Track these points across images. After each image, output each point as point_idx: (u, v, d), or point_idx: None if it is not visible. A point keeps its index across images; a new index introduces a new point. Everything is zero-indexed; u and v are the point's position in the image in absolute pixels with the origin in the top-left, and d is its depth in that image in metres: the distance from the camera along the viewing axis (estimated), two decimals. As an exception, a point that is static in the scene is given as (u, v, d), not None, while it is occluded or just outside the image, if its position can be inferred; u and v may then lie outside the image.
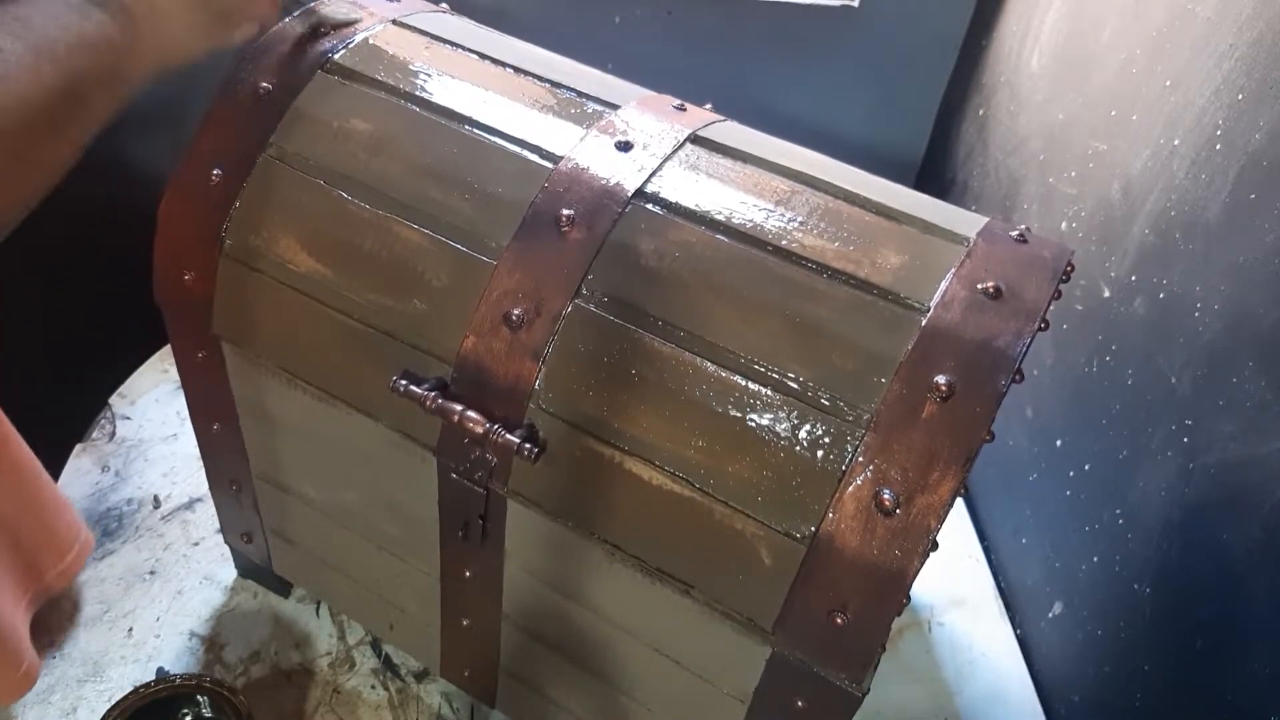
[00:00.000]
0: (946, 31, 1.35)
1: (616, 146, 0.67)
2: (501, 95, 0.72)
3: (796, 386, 0.58)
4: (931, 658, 1.03)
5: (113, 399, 1.22)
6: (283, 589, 0.99)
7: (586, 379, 0.62)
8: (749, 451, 0.58)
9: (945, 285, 0.60)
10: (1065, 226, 1.03)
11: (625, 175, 0.66)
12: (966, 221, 0.66)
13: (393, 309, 0.67)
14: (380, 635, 0.96)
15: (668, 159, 0.67)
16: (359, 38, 0.75)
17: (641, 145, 0.68)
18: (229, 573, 1.02)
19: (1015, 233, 0.64)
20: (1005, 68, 1.23)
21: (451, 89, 0.72)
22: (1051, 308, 0.60)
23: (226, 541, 0.98)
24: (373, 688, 0.93)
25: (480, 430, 0.62)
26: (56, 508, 0.90)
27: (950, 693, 1.00)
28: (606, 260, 0.63)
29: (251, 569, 0.99)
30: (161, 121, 0.99)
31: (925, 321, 0.58)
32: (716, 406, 0.59)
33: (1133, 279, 0.89)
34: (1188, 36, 0.85)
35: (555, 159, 0.67)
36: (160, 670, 0.92)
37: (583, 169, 0.66)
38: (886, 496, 0.54)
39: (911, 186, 0.72)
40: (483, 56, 0.76)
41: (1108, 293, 0.93)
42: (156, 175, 0.79)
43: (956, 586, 1.10)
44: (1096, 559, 0.92)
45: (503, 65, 0.75)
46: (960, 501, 1.21)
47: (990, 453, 0.60)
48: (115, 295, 1.09)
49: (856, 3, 1.31)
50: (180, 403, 1.02)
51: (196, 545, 1.05)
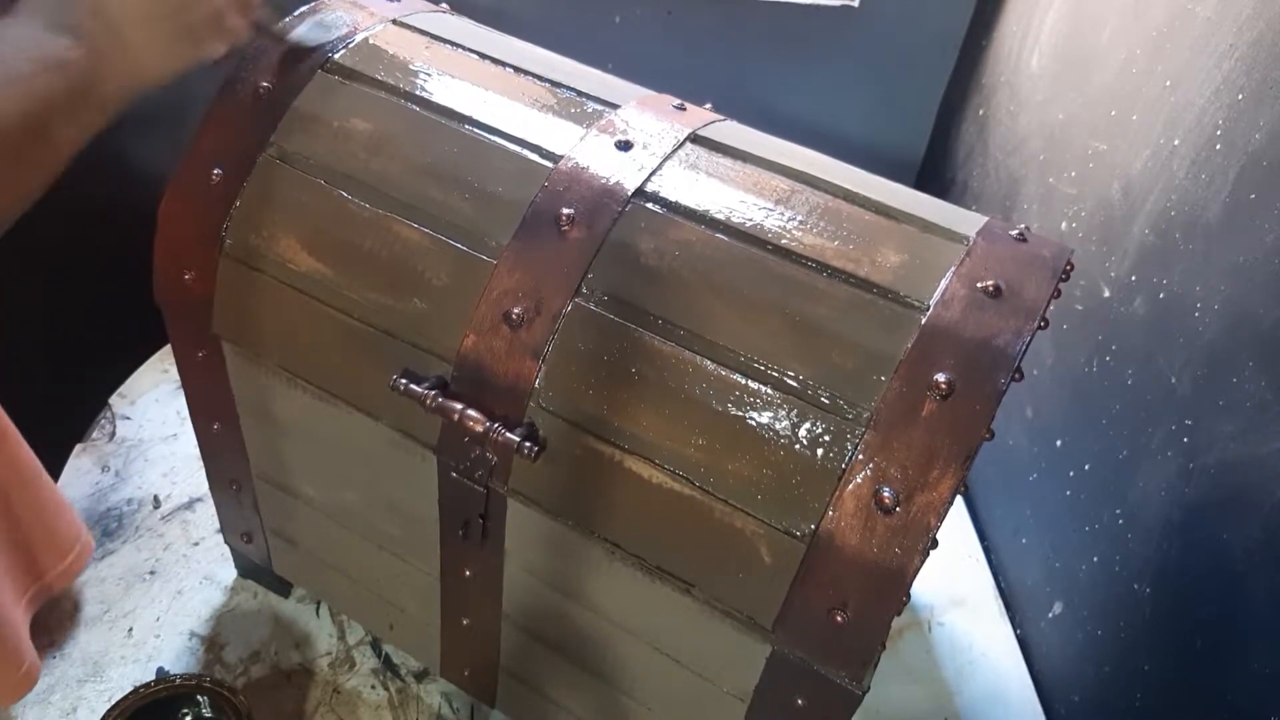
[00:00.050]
0: (946, 31, 1.35)
1: (616, 146, 0.67)
2: (501, 95, 0.72)
3: (796, 385, 0.58)
4: (931, 658, 1.03)
5: (113, 399, 1.22)
6: (283, 589, 0.99)
7: (586, 377, 0.62)
8: (749, 450, 0.58)
9: (945, 284, 0.60)
10: (1065, 226, 1.03)
11: (625, 174, 0.66)
12: (966, 221, 0.66)
13: (393, 308, 0.67)
14: (380, 635, 0.96)
15: (668, 158, 0.67)
16: (359, 38, 0.75)
17: (641, 145, 0.68)
18: (229, 573, 1.02)
19: (1015, 232, 0.64)
20: (1005, 68, 1.23)
21: (451, 89, 0.72)
22: (1051, 307, 0.60)
23: (226, 541, 0.98)
24: (373, 688, 0.93)
25: (480, 429, 0.62)
26: (57, 508, 0.90)
27: (950, 693, 1.00)
28: (606, 259, 0.63)
29: (251, 569, 0.99)
30: (161, 121, 0.99)
31: (925, 320, 0.58)
32: (716, 405, 0.59)
33: (1133, 279, 0.89)
34: (1188, 36, 0.85)
35: (555, 158, 0.67)
36: (160, 670, 0.92)
37: (583, 168, 0.66)
38: (886, 494, 0.54)
39: (911, 186, 0.72)
40: (483, 56, 0.76)
41: (1108, 293, 0.94)
42: (156, 175, 0.79)
43: (956, 586, 1.10)
44: (1096, 559, 0.92)
45: (503, 65, 0.75)
46: (960, 501, 1.21)
47: (990, 452, 0.60)
48: (115, 295, 1.09)
49: (856, 3, 1.31)
50: (180, 403, 1.02)
51: (196, 545, 1.05)
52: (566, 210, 0.64)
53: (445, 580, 0.79)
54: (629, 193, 0.65)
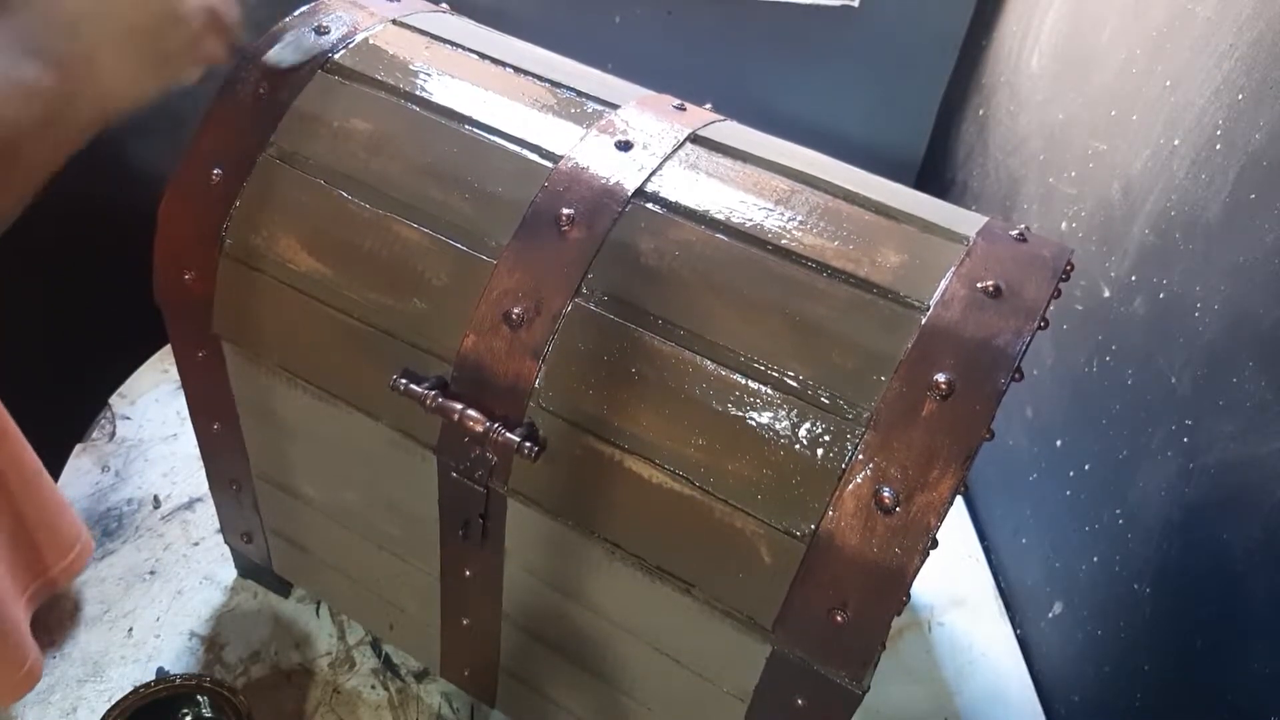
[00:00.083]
0: (946, 31, 1.35)
1: (616, 146, 0.67)
2: (501, 95, 0.72)
3: (796, 385, 0.58)
4: (931, 658, 1.03)
5: (113, 399, 1.22)
6: (283, 589, 0.99)
7: (586, 378, 0.62)
8: (749, 450, 0.58)
9: (945, 284, 0.60)
10: (1065, 226, 1.03)
11: (625, 174, 0.66)
12: (966, 221, 0.66)
13: (393, 308, 0.67)
14: (380, 635, 0.96)
15: (668, 158, 0.67)
16: (359, 38, 0.75)
17: (641, 145, 0.68)
18: (229, 573, 1.02)
19: (1015, 232, 0.64)
20: (1005, 68, 1.23)
21: (451, 89, 0.72)
22: (1051, 307, 0.60)
23: (226, 541, 0.98)
24: (373, 688, 0.93)
25: (480, 429, 0.62)
26: (58, 506, 0.90)
27: (950, 693, 1.00)
28: (606, 259, 0.63)
29: (251, 569, 0.99)
30: (161, 121, 0.99)
31: (925, 320, 0.58)
32: (716, 405, 0.59)
33: (1133, 279, 0.89)
34: (1188, 36, 0.85)
35: (555, 158, 0.67)
36: (160, 670, 0.92)
37: (583, 168, 0.66)
38: (886, 494, 0.54)
39: (911, 186, 0.72)
40: (483, 56, 0.76)
41: (1108, 293, 0.94)
42: (156, 175, 0.79)
43: (956, 586, 1.10)
44: (1096, 559, 0.92)
45: (503, 65, 0.75)
46: (960, 501, 1.21)
47: (990, 452, 0.60)
48: (115, 295, 1.09)
49: (856, 3, 1.31)
50: (180, 403, 1.02)
51: (196, 545, 1.05)
52: (566, 210, 0.64)
53: (445, 580, 0.79)
54: (629, 193, 0.65)
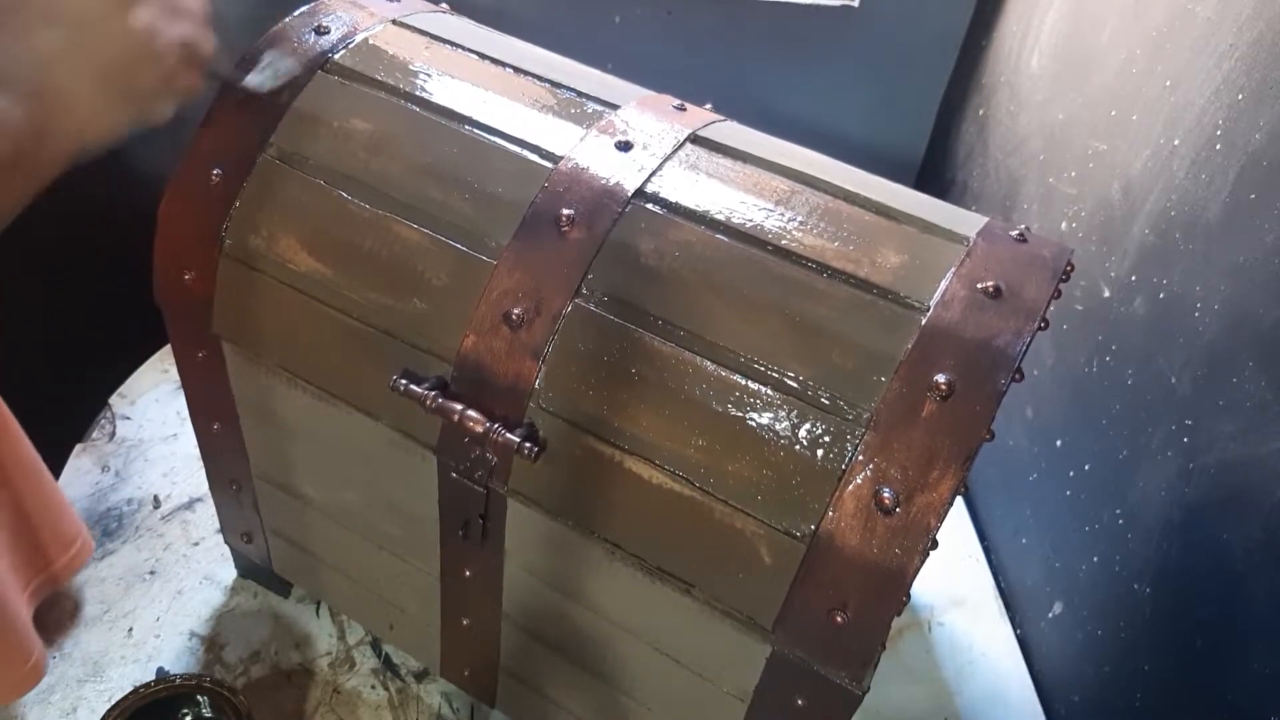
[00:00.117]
0: (946, 31, 1.35)
1: (616, 146, 0.67)
2: (501, 95, 0.72)
3: (796, 385, 0.58)
4: (931, 658, 1.03)
5: (113, 399, 1.22)
6: (283, 589, 0.99)
7: (586, 378, 0.62)
8: (749, 450, 0.58)
9: (945, 284, 0.60)
10: (1065, 226, 1.03)
11: (625, 175, 0.66)
12: (966, 221, 0.66)
13: (393, 308, 0.67)
14: (380, 635, 0.96)
15: (668, 159, 0.67)
16: (359, 38, 0.75)
17: (641, 145, 0.68)
18: (229, 573, 1.02)
19: (1015, 232, 0.64)
20: (1005, 68, 1.23)
21: (451, 89, 0.72)
22: (1051, 307, 0.60)
23: (226, 541, 0.98)
24: (373, 688, 0.93)
25: (480, 429, 0.62)
26: (58, 502, 0.90)
27: (950, 693, 1.00)
28: (606, 260, 0.63)
29: (251, 569, 0.99)
30: (162, 121, 0.99)
31: (925, 320, 0.58)
32: (716, 405, 0.59)
33: (1133, 279, 0.89)
34: (1188, 36, 0.85)
35: (555, 159, 0.67)
36: (160, 670, 0.92)
37: (583, 169, 0.66)
38: (886, 495, 0.54)
39: (911, 186, 0.72)
40: (483, 56, 0.76)
41: (1108, 293, 0.94)
42: (156, 175, 0.79)
43: (956, 586, 1.10)
44: (1096, 559, 0.92)
45: (503, 65, 0.75)
46: (960, 501, 1.21)
47: (990, 453, 0.60)
48: (115, 295, 1.09)
49: (856, 3, 1.31)
50: (180, 403, 1.02)
51: (196, 545, 1.05)
52: (566, 211, 0.64)
53: (445, 580, 0.79)
54: (629, 193, 0.65)
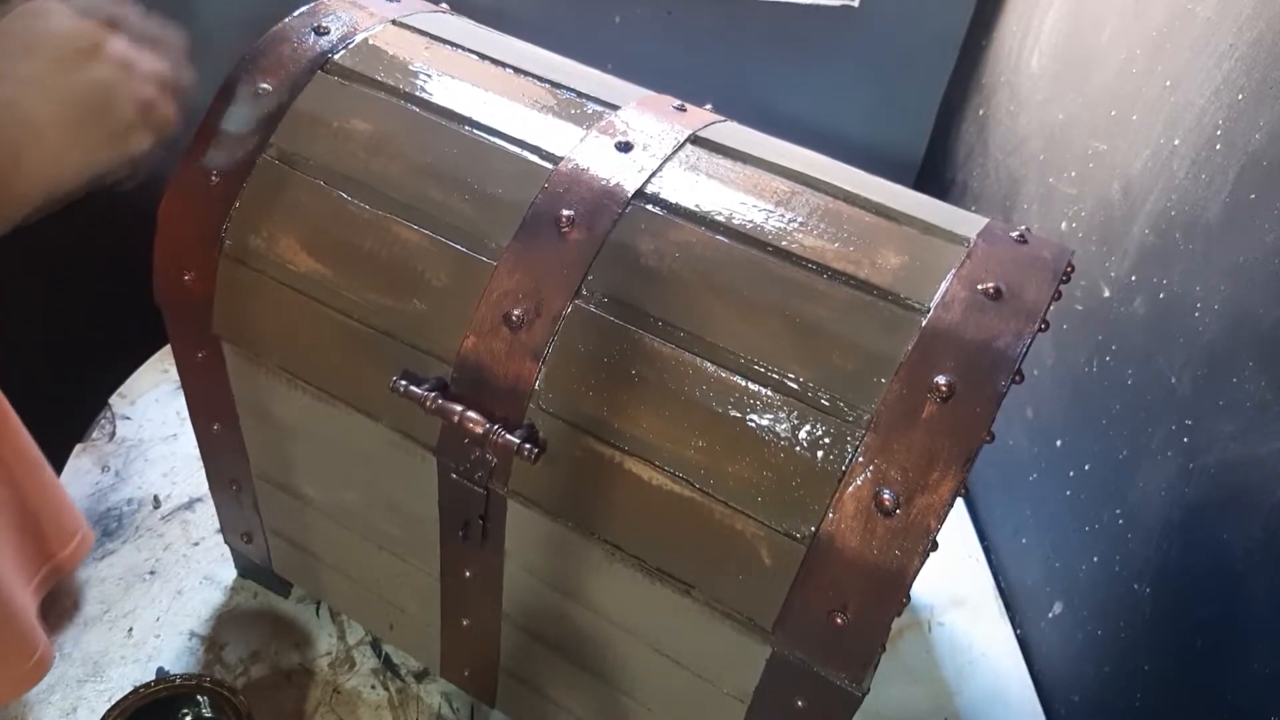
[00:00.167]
0: (946, 31, 1.35)
1: (616, 147, 0.67)
2: (501, 96, 0.72)
3: (796, 387, 0.58)
4: (931, 658, 1.03)
5: (113, 399, 1.21)
6: (283, 589, 0.99)
7: (586, 379, 0.62)
8: (749, 452, 0.58)
9: (945, 286, 0.60)
10: (1065, 226, 1.03)
11: (625, 176, 0.66)
12: (966, 222, 0.66)
13: (393, 309, 0.67)
14: (380, 635, 0.96)
15: (668, 160, 0.67)
16: (359, 38, 0.75)
17: (641, 146, 0.68)
18: (229, 573, 1.02)
19: (1015, 233, 0.64)
20: (1005, 68, 1.23)
21: (451, 89, 0.72)
22: (1051, 308, 0.60)
23: (226, 541, 0.98)
24: (373, 688, 0.93)
25: (480, 430, 0.62)
26: (59, 494, 0.90)
27: (950, 693, 1.00)
28: (606, 261, 0.63)
29: (251, 569, 0.99)
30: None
31: (925, 322, 0.58)
32: (717, 407, 0.59)
33: (1133, 279, 0.89)
34: (1188, 36, 0.85)
35: (555, 159, 0.67)
36: (160, 670, 0.92)
37: (583, 169, 0.66)
38: (886, 497, 0.54)
39: (911, 186, 0.72)
40: (483, 57, 0.76)
41: (1108, 293, 0.93)
42: (156, 175, 0.79)
43: (956, 586, 1.10)
44: (1096, 559, 0.92)
45: (503, 65, 0.75)
46: (960, 501, 1.21)
47: (990, 453, 0.60)
48: (115, 295, 1.09)
49: (856, 3, 1.31)
50: (180, 403, 1.02)
51: (196, 545, 1.05)
52: (566, 212, 0.64)
53: (445, 580, 0.79)
54: (629, 194, 0.65)
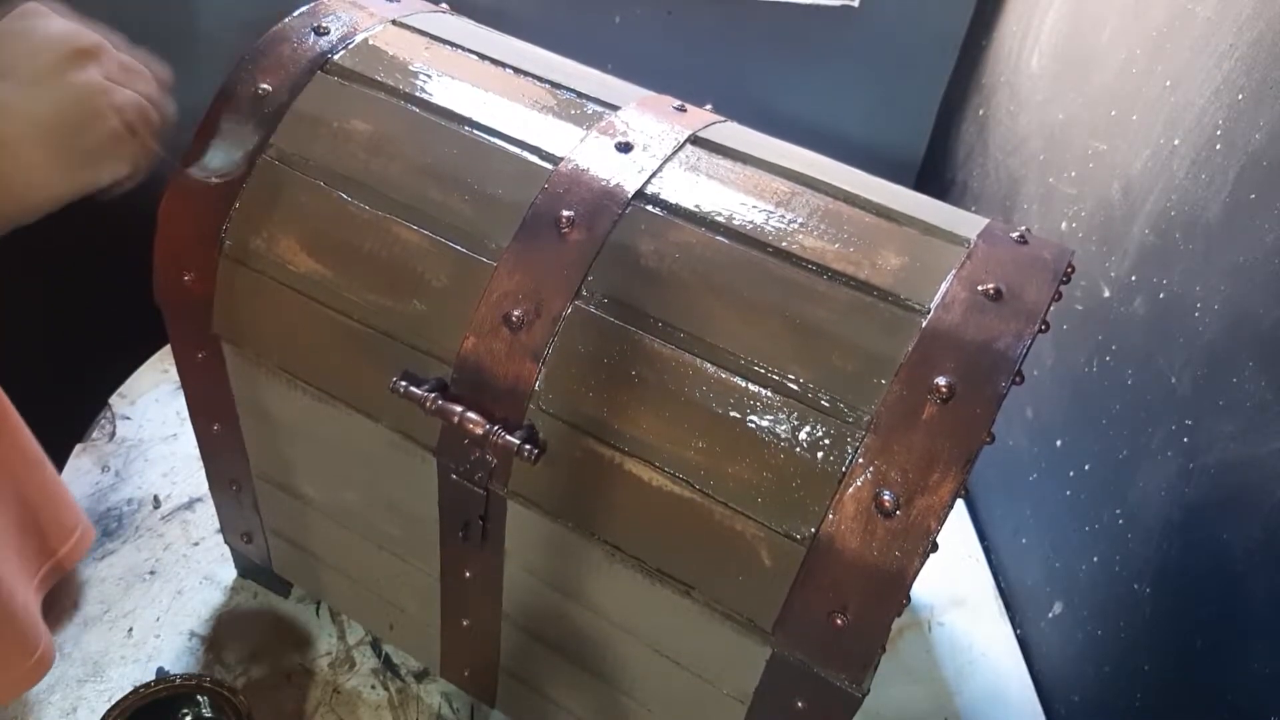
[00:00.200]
0: (946, 31, 1.35)
1: (616, 148, 0.67)
2: (501, 96, 0.72)
3: (796, 388, 0.58)
4: (931, 658, 1.03)
5: (113, 399, 1.21)
6: (283, 589, 0.99)
7: (587, 380, 0.62)
8: (749, 453, 0.58)
9: (946, 287, 0.60)
10: (1065, 226, 1.03)
11: (625, 176, 0.66)
12: (967, 223, 0.66)
13: (392, 309, 0.67)
14: (380, 635, 0.96)
15: (668, 160, 0.67)
16: (359, 38, 0.75)
17: (641, 146, 0.68)
18: (229, 573, 1.02)
19: (1016, 234, 0.64)
20: (1005, 68, 1.23)
21: (451, 90, 0.72)
22: (1052, 309, 0.60)
23: (226, 541, 0.98)
24: (373, 688, 0.93)
25: (480, 431, 0.62)
26: (59, 490, 0.90)
27: (950, 693, 1.00)
28: (606, 261, 0.63)
29: (251, 569, 0.99)
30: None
31: (925, 323, 0.58)
32: (717, 408, 0.59)
33: (1133, 279, 0.89)
34: (1188, 36, 0.85)
35: (555, 160, 0.67)
36: (160, 670, 0.92)
37: (583, 170, 0.66)
38: (886, 498, 0.54)
39: (911, 187, 0.72)
40: (483, 57, 0.76)
41: (1108, 293, 0.93)
42: (156, 175, 0.79)
43: (956, 586, 1.10)
44: (1096, 559, 0.92)
45: (503, 66, 0.75)
46: (960, 501, 1.20)
47: (990, 453, 0.60)
48: (115, 295, 1.09)
49: (856, 3, 1.31)
50: (180, 403, 1.02)
51: (196, 545, 1.05)
52: (566, 212, 0.64)
53: (445, 581, 0.79)
54: (629, 195, 0.65)
